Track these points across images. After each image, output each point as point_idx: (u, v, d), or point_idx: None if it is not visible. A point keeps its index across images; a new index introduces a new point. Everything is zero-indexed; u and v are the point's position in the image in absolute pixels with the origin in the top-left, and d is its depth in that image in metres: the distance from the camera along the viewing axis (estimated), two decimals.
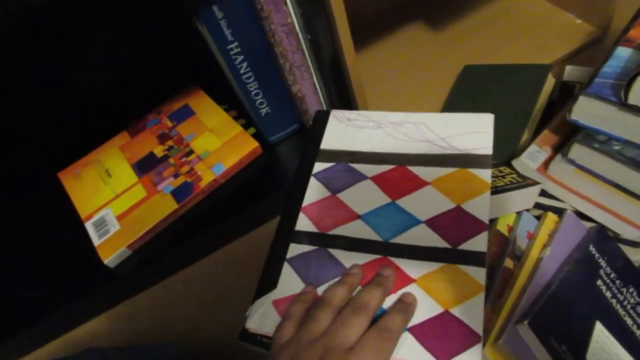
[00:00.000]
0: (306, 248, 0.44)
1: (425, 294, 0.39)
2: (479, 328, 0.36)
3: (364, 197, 0.45)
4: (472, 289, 0.38)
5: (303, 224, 0.45)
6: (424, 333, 0.37)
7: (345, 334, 0.36)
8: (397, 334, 0.36)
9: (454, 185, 0.44)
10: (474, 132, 0.46)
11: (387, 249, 0.42)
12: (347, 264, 0.42)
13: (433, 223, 0.42)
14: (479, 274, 0.38)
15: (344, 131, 0.51)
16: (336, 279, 0.41)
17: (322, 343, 0.35)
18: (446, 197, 0.43)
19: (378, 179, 0.46)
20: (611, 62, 0.44)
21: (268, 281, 0.43)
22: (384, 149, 0.48)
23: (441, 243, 0.40)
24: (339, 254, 0.43)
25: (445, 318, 0.37)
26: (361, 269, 0.41)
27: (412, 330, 0.37)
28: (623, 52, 0.44)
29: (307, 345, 0.36)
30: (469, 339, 0.35)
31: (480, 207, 0.41)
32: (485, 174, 0.43)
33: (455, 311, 0.37)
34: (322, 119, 0.53)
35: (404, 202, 0.44)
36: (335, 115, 0.52)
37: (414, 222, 0.42)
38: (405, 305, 0.38)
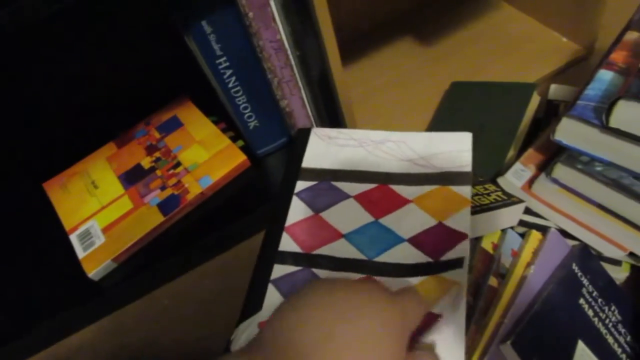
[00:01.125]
0: (291, 269, 0.44)
1: None
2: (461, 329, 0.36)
3: (348, 216, 0.46)
4: (451, 286, 0.38)
5: (287, 244, 0.45)
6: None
7: None
8: None
9: (436, 202, 0.44)
10: (454, 150, 0.47)
11: (371, 268, 0.42)
12: None
13: (416, 240, 0.42)
14: (458, 275, 0.38)
15: (325, 149, 0.51)
16: None
17: None
18: (428, 215, 0.43)
19: (361, 198, 0.47)
20: (594, 85, 0.44)
21: (253, 303, 0.43)
22: (366, 167, 0.49)
23: (424, 259, 0.41)
24: (323, 273, 0.43)
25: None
26: None
27: None
28: (605, 75, 0.45)
29: None
30: None
31: (461, 221, 0.42)
32: (465, 190, 0.44)
33: (437, 309, 0.38)
34: (303, 137, 0.53)
35: (387, 221, 0.44)
36: (316, 133, 0.53)
37: (397, 240, 0.43)
38: None
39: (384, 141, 0.50)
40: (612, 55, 0.46)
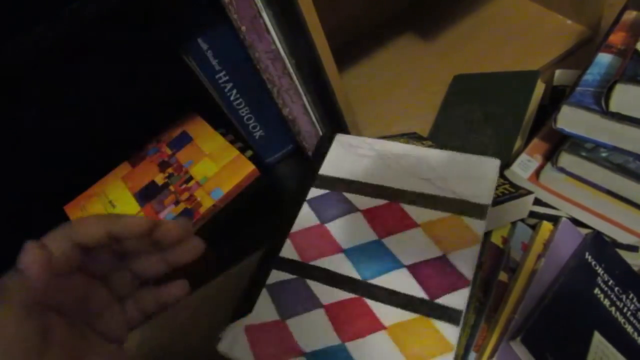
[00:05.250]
0: (286, 276, 0.44)
1: (394, 345, 0.38)
2: None
3: (352, 230, 0.45)
4: (442, 347, 0.36)
5: (288, 250, 0.46)
6: None
7: None
8: None
9: (444, 231, 0.42)
10: (476, 177, 0.44)
11: (364, 290, 0.41)
12: (323, 299, 0.42)
13: (415, 270, 0.41)
14: (451, 333, 0.37)
15: (344, 158, 0.50)
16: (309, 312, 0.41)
17: None
18: (433, 244, 0.41)
19: (369, 213, 0.45)
20: (592, 70, 0.43)
21: (244, 305, 0.44)
22: (381, 181, 0.47)
23: (420, 293, 0.39)
24: (315, 286, 0.42)
25: None
26: None
27: None
28: (604, 59, 0.44)
29: None
30: None
31: (466, 260, 0.40)
32: (479, 226, 0.41)
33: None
34: (325, 143, 0.52)
35: (390, 242, 0.43)
36: (339, 140, 0.52)
37: (396, 265, 0.41)
38: None
39: (404, 155, 0.48)
40: (610, 38, 0.45)
